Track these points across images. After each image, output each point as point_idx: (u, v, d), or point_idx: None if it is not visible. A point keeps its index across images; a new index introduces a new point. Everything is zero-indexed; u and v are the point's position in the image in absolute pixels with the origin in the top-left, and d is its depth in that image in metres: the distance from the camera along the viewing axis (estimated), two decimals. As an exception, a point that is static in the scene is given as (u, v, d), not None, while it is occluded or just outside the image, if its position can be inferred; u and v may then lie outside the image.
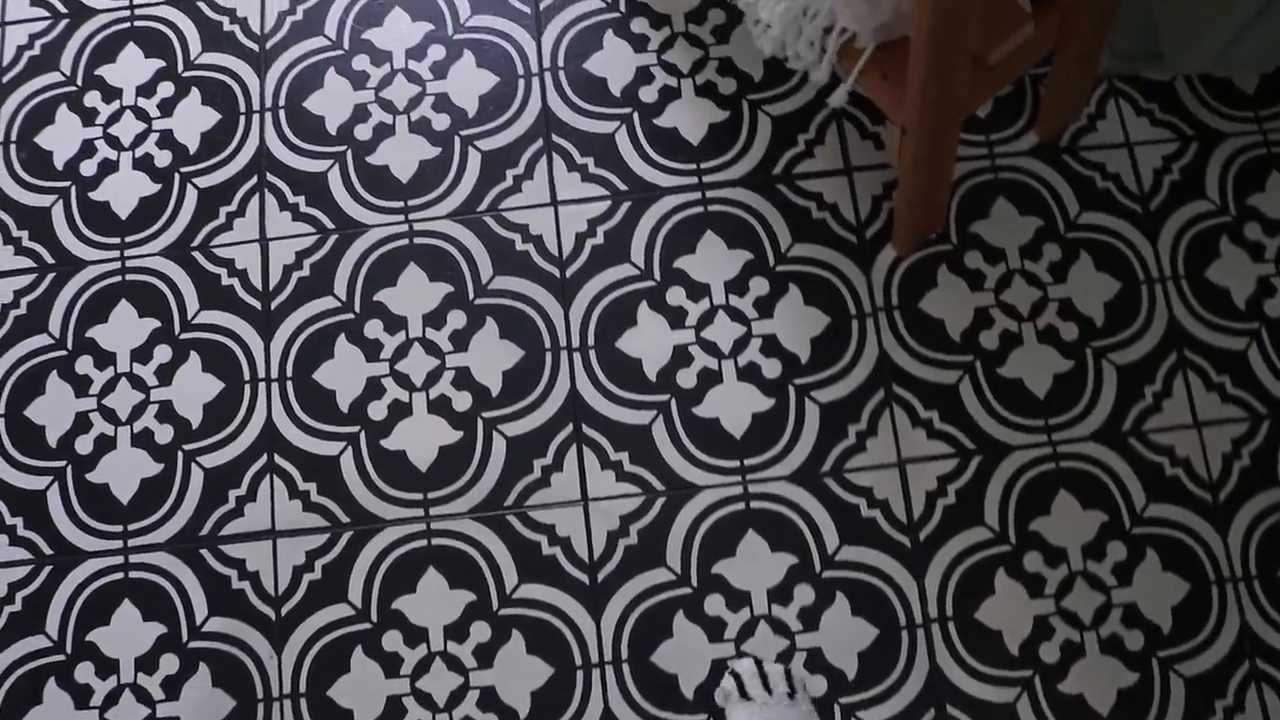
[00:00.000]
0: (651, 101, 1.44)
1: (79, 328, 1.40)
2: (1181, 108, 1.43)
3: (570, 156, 1.42)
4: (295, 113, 1.46)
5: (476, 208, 1.41)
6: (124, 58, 1.51)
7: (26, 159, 1.47)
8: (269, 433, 1.35)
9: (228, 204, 1.43)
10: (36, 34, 1.54)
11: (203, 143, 1.46)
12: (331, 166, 1.44)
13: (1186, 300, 1.35)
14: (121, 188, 1.45)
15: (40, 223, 1.45)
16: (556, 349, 1.35)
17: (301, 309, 1.38)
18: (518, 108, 1.45)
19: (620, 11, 1.48)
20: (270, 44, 1.50)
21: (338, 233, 1.41)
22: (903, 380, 1.33)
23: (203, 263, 1.41)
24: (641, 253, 1.38)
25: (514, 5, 1.49)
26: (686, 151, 1.42)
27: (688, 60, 1.46)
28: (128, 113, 1.48)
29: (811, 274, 1.37)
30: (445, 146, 1.44)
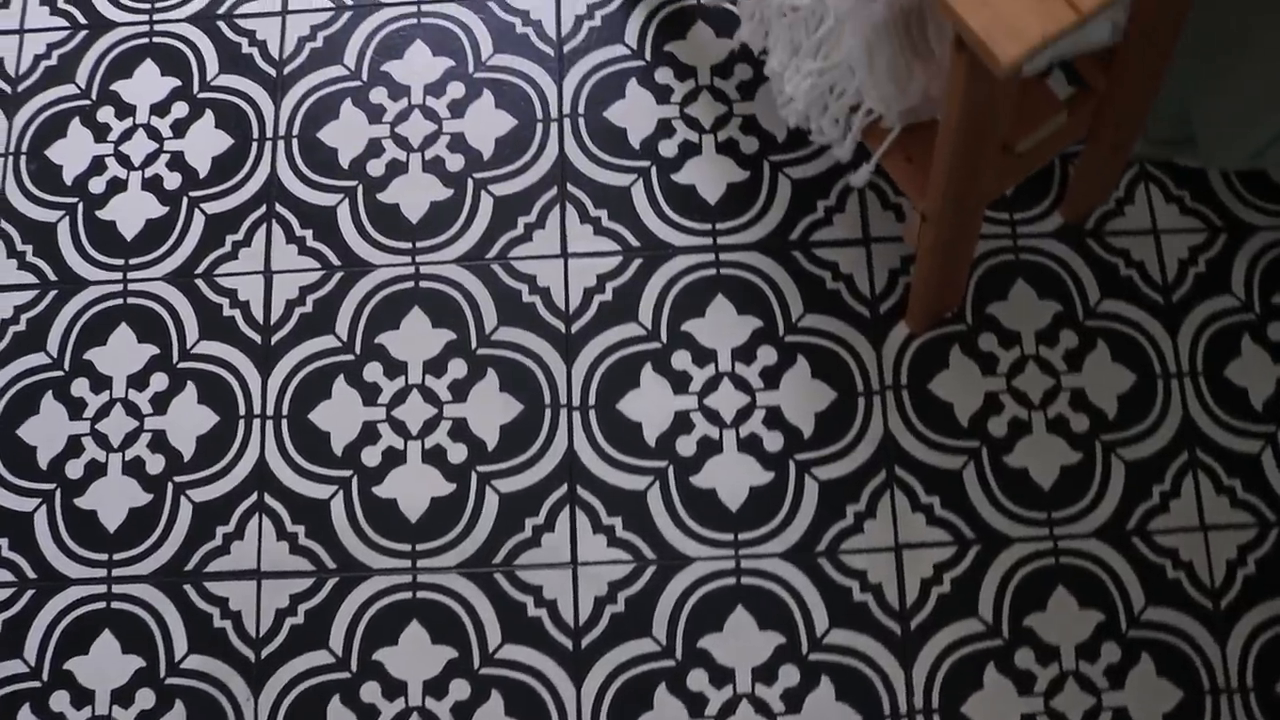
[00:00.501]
0: (671, 156, 1.41)
1: (77, 349, 1.38)
2: (1213, 197, 1.39)
3: (584, 208, 1.40)
4: (308, 143, 1.44)
5: (485, 254, 1.39)
6: (140, 74, 1.49)
7: (36, 171, 1.46)
8: (261, 471, 1.33)
9: (234, 232, 1.41)
10: (55, 44, 1.52)
11: (213, 167, 1.44)
12: (341, 201, 1.42)
13: (1203, 398, 1.32)
14: (129, 208, 1.43)
15: (45, 238, 1.43)
16: (556, 406, 1.33)
17: (301, 346, 1.36)
18: (534, 153, 1.42)
19: (645, 60, 1.45)
20: (288, 70, 1.48)
21: (343, 270, 1.39)
22: (906, 463, 1.31)
23: (205, 291, 1.40)
24: (650, 313, 1.36)
25: (537, 46, 1.46)
26: (703, 210, 1.39)
27: (711, 115, 1.43)
28: (140, 131, 1.46)
29: (821, 346, 1.34)
30: (458, 188, 1.42)
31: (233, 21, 1.51)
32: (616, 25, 1.47)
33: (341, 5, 1.50)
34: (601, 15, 1.47)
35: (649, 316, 1.36)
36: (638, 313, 1.36)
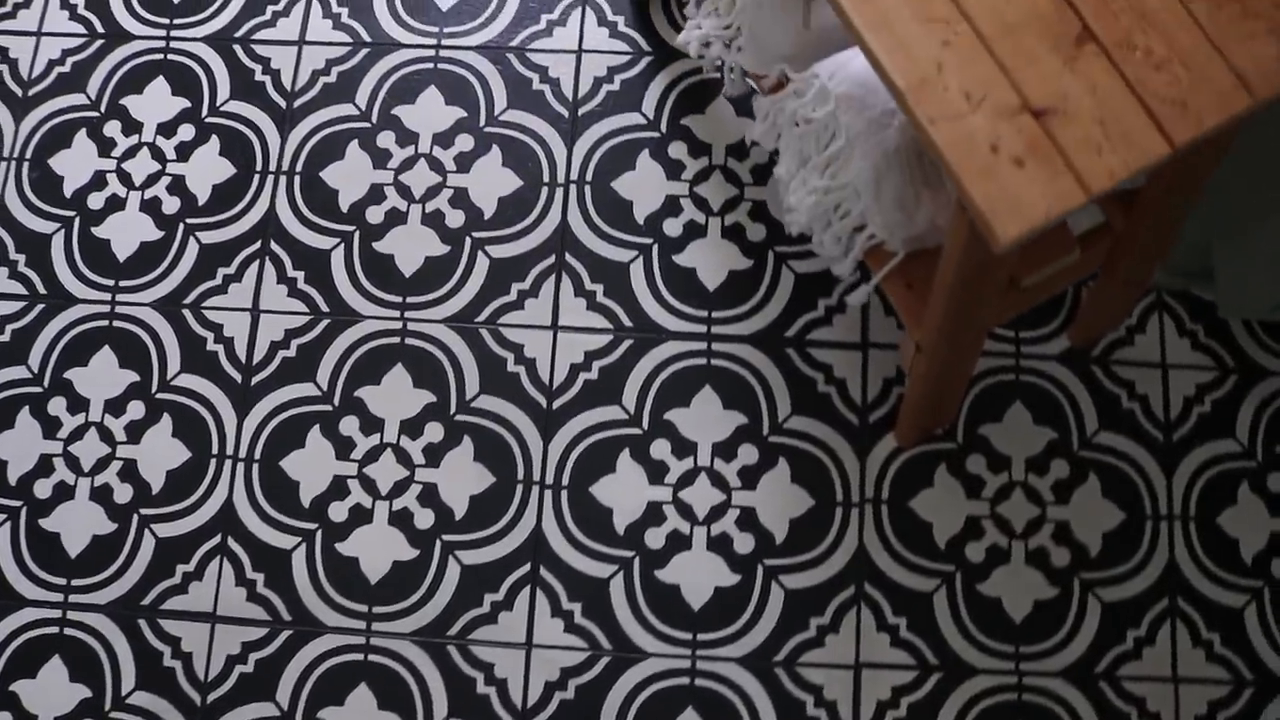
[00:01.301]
0: (675, 235, 1.38)
1: (59, 366, 1.37)
2: (1227, 336, 1.35)
3: (580, 280, 1.37)
4: (310, 181, 1.42)
5: (475, 318, 1.36)
6: (151, 90, 1.47)
7: (37, 180, 1.44)
8: (227, 513, 1.32)
9: (227, 266, 1.39)
10: (70, 50, 1.50)
11: (213, 195, 1.42)
12: (337, 246, 1.40)
13: (1191, 545, 1.28)
14: (125, 228, 1.42)
15: (39, 249, 1.42)
16: (529, 483, 1.31)
17: (281, 391, 1.35)
18: (536, 217, 1.39)
19: (660, 132, 1.42)
20: (298, 102, 1.45)
21: (330, 318, 1.37)
22: (877, 580, 1.27)
23: (191, 322, 1.38)
24: (634, 397, 1.33)
25: (552, 105, 1.43)
26: (700, 296, 1.36)
27: (720, 197, 1.39)
28: (144, 150, 1.44)
29: (804, 451, 1.31)
30: (455, 245, 1.39)
31: (249, 46, 1.48)
32: (635, 92, 1.43)
33: (359, 41, 1.48)
34: (621, 80, 1.44)
35: (633, 400, 1.33)
36: (622, 395, 1.33)
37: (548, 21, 1.46)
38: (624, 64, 1.44)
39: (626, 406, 1.33)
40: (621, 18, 1.46)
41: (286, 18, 1.48)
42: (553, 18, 1.46)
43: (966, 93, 0.85)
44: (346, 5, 1.48)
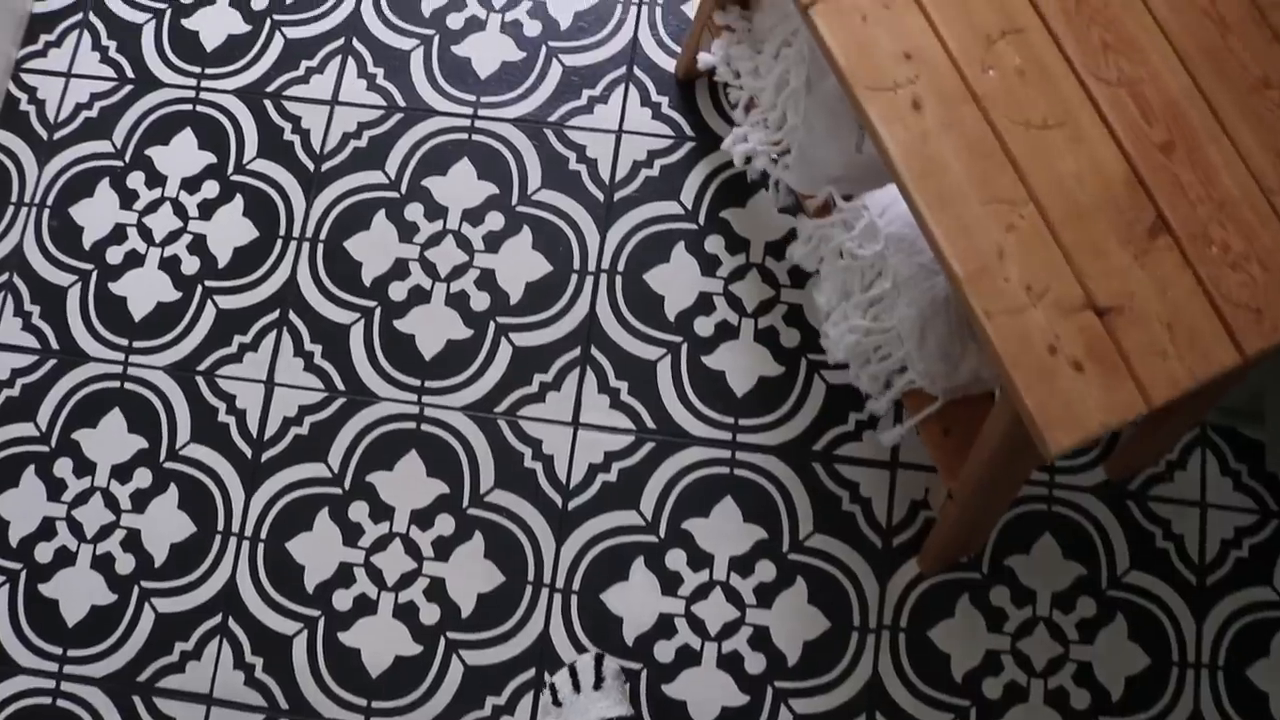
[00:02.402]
0: (706, 335, 1.33)
1: (67, 426, 1.34)
2: (1271, 477, 1.30)
3: (605, 376, 1.33)
4: (334, 251, 1.38)
5: (494, 407, 1.32)
6: (177, 142, 1.43)
7: (57, 228, 1.40)
8: (229, 593, 1.29)
9: (243, 334, 1.36)
10: (98, 94, 1.46)
11: (234, 258, 1.38)
12: (357, 321, 1.36)
13: (1218, 696, 1.23)
14: (142, 286, 1.38)
15: (54, 302, 1.38)
16: (539, 585, 1.27)
17: (291, 469, 1.31)
18: (563, 306, 1.35)
19: (698, 224, 1.37)
20: (326, 166, 1.41)
21: (347, 397, 1.33)
22: (888, 710, 1.23)
23: (204, 390, 1.35)
24: (652, 503, 1.29)
25: (587, 188, 1.38)
26: (727, 401, 1.31)
27: (755, 297, 1.35)
28: (167, 205, 1.40)
29: (824, 571, 1.27)
30: (478, 330, 1.35)
31: (280, 102, 1.44)
32: (674, 179, 1.38)
33: (393, 105, 1.43)
34: (661, 165, 1.38)
35: (651, 507, 1.29)
36: (640, 500, 1.29)
37: (589, 97, 1.41)
38: (665, 148, 1.39)
39: (644, 512, 1.29)
40: (666, 98, 1.41)
41: (320, 74, 1.44)
42: (594, 93, 1.42)
43: (1028, 285, 0.80)
44: (382, 66, 1.44)
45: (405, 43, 1.45)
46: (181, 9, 1.48)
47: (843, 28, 0.83)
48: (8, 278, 1.39)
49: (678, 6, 1.44)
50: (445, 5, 1.46)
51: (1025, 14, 0.85)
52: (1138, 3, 0.85)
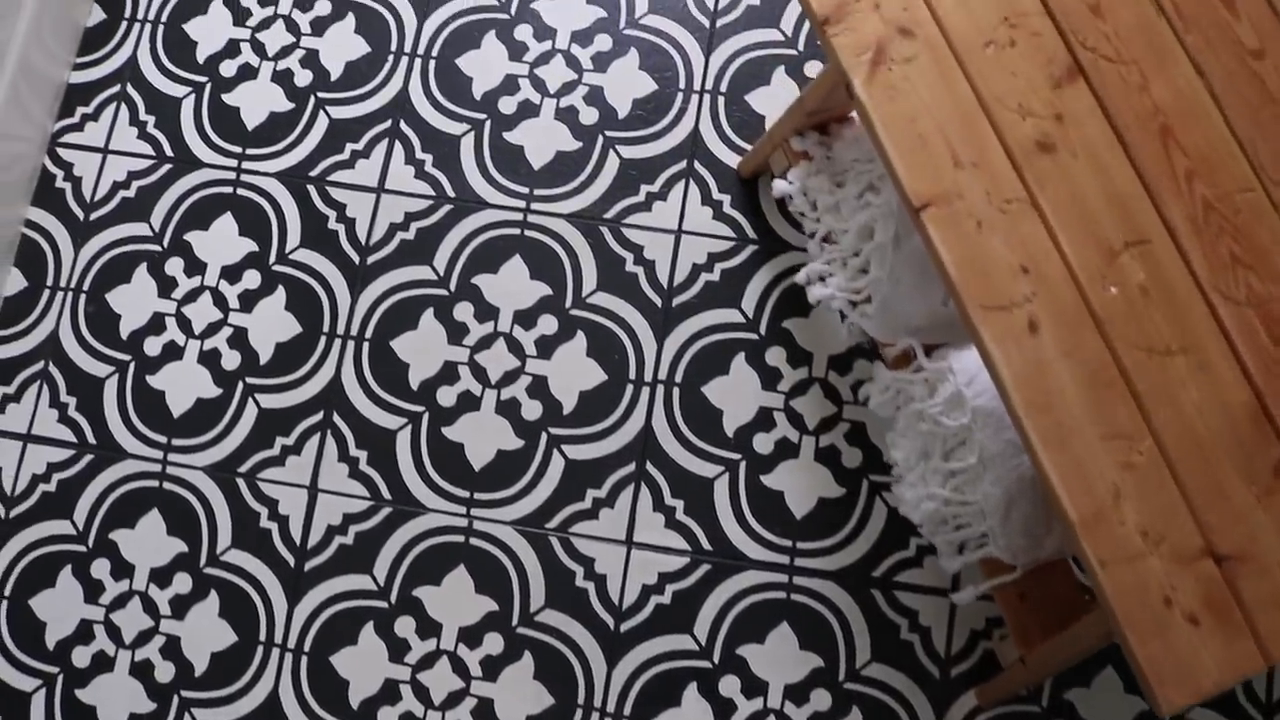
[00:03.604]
0: (765, 453, 1.29)
1: (104, 526, 1.31)
2: None
3: (660, 492, 1.29)
4: (380, 351, 1.33)
5: (544, 523, 1.28)
6: (217, 228, 1.37)
7: (93, 315, 1.35)
8: (271, 706, 1.26)
9: (285, 435, 1.31)
10: (136, 173, 1.40)
11: (276, 354, 1.34)
12: (404, 427, 1.31)
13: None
14: (181, 380, 1.33)
15: (91, 393, 1.34)
16: (589, 709, 1.25)
17: (334, 580, 1.28)
18: (618, 418, 1.30)
19: (759, 334, 1.32)
20: (372, 259, 1.36)
21: (392, 506, 1.30)
22: None
23: (245, 494, 1.31)
24: (706, 627, 1.25)
25: (645, 292, 1.32)
26: (785, 524, 1.27)
27: (817, 414, 1.30)
28: (206, 294, 1.35)
29: (880, 701, 1.24)
30: (530, 440, 1.31)
31: (324, 188, 1.38)
32: (735, 284, 1.33)
33: (443, 195, 1.37)
34: (722, 269, 1.33)
35: (705, 631, 1.25)
36: (694, 624, 1.25)
37: (647, 193, 1.36)
38: (726, 251, 1.33)
39: (698, 636, 1.26)
40: (728, 196, 1.35)
41: (366, 159, 1.38)
42: (653, 189, 1.36)
43: (1144, 530, 0.76)
44: (431, 152, 1.38)
45: (455, 127, 1.39)
46: (222, 83, 1.42)
47: (956, 236, 0.78)
48: (43, 366, 1.35)
49: (741, 97, 1.38)
50: (497, 88, 1.40)
51: (1151, 224, 0.79)
52: (1272, 213, 0.80)
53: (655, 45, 1.40)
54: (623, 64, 1.40)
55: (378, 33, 1.43)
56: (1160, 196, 0.81)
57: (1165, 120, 0.82)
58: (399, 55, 1.42)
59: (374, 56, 1.42)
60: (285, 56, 1.42)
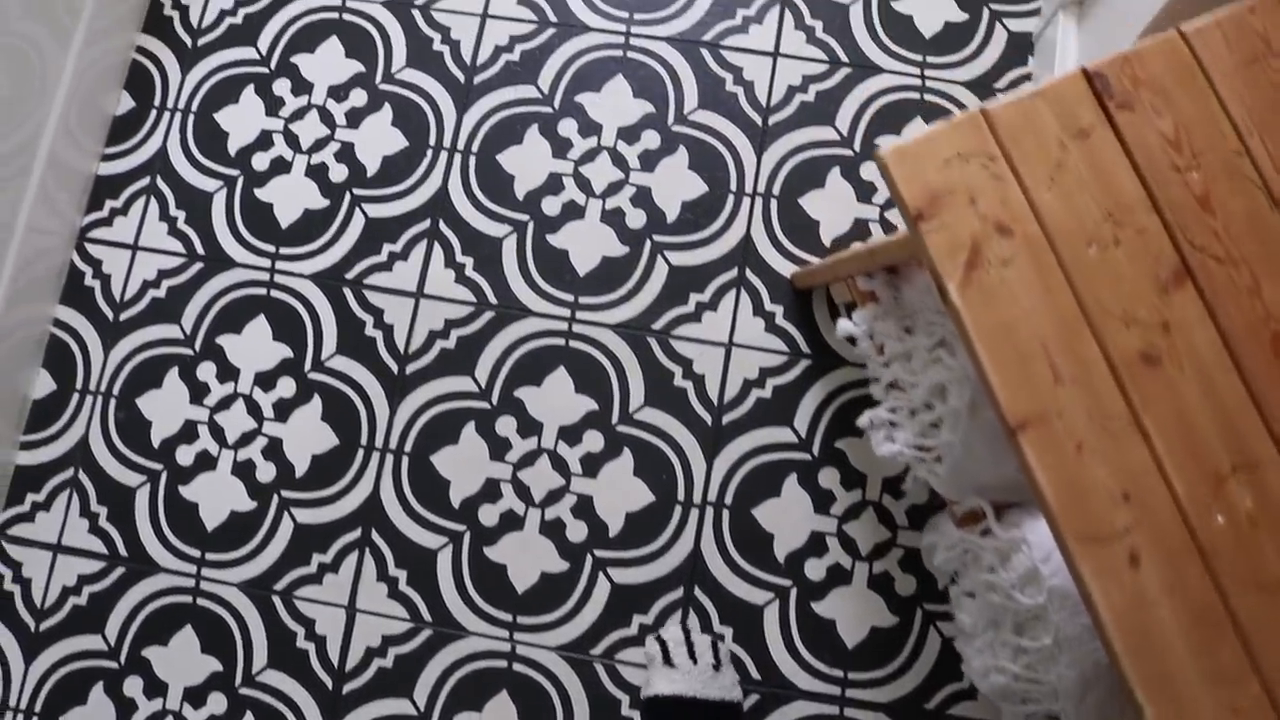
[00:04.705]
0: (816, 580, 1.25)
1: (137, 642, 1.27)
2: None
3: (708, 617, 1.24)
4: (420, 464, 1.28)
5: (589, 649, 1.23)
6: (250, 331, 1.32)
7: (124, 421, 1.32)
8: (308, 832, 1.24)
9: (322, 552, 1.27)
10: (167, 271, 1.34)
11: (312, 467, 1.29)
12: (445, 546, 1.27)
13: None
14: (214, 493, 1.29)
15: (122, 503, 1.30)
16: (633, 843, 1.22)
17: (375, 704, 1.24)
18: (667, 539, 1.25)
19: (812, 454, 1.27)
20: (411, 369, 1.30)
21: (433, 629, 1.26)
22: None
23: (280, 611, 1.27)
24: (754, 761, 1.23)
25: (695, 408, 1.27)
26: (837, 653, 1.24)
27: (870, 539, 1.26)
28: (240, 402, 1.31)
29: (933, 840, 1.21)
30: (575, 561, 1.25)
31: (361, 291, 1.32)
32: (788, 401, 1.28)
33: (484, 302, 1.31)
34: (774, 385, 1.28)
35: (753, 764, 1.23)
36: (742, 757, 1.23)
37: (697, 304, 1.30)
38: (778, 366, 1.29)
39: (746, 771, 1.23)
40: (780, 308, 1.30)
41: (404, 262, 1.32)
42: (703, 299, 1.30)
43: (1253, 784, 0.72)
44: (472, 254, 1.31)
45: (496, 228, 1.33)
46: (254, 177, 1.37)
47: (1055, 461, 0.73)
48: (73, 473, 1.31)
49: (795, 200, 1.33)
50: (541, 187, 1.34)
51: (1261, 444, 0.75)
52: (1387, 436, 0.75)
53: (705, 144, 1.35)
54: (671, 163, 1.35)
55: (415, 126, 1.37)
56: (1271, 413, 0.76)
57: (1277, 327, 0.77)
58: (438, 150, 1.37)
59: (411, 151, 1.37)
60: (319, 150, 1.37)
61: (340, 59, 1.40)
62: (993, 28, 1.38)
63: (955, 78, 1.36)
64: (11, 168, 1.28)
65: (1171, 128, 0.80)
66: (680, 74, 1.36)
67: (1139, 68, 0.81)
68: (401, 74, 1.38)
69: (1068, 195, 0.78)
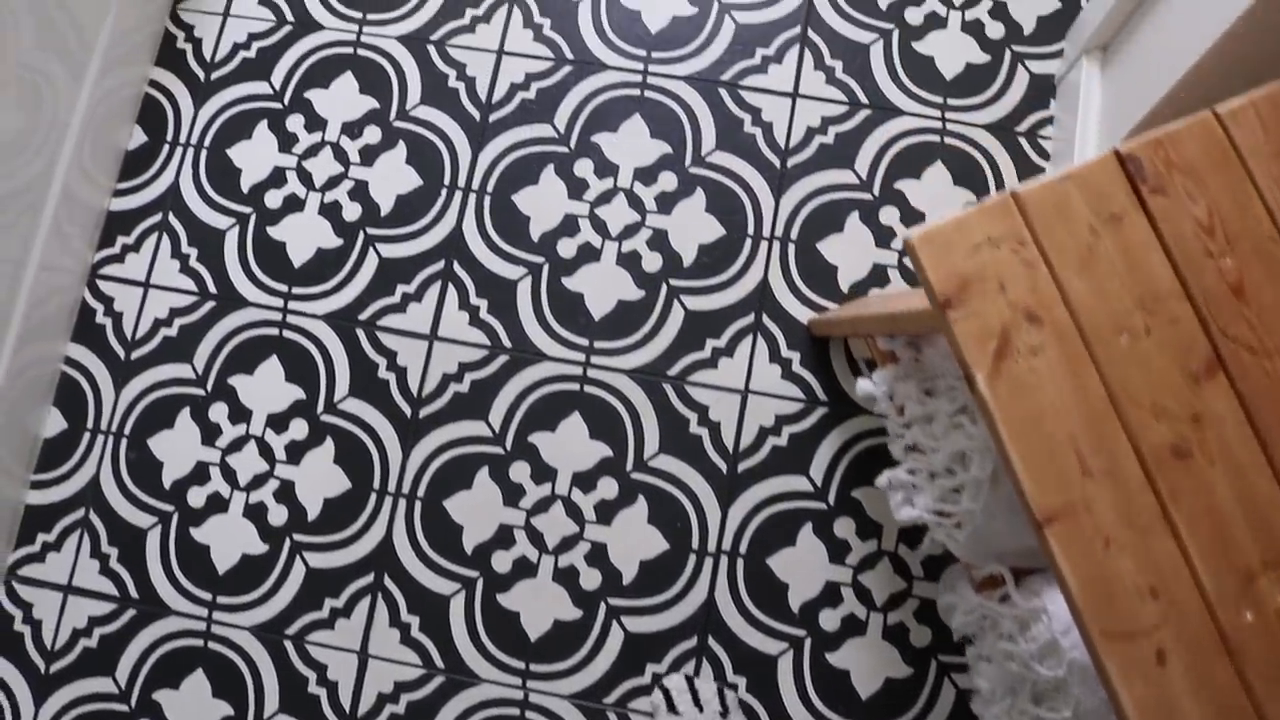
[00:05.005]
0: (831, 630, 1.24)
1: (147, 686, 1.27)
2: None
3: (722, 667, 1.24)
4: (432, 508, 1.27)
5: (603, 697, 1.23)
6: (262, 372, 1.31)
7: (135, 461, 1.31)
8: None
9: (334, 597, 1.27)
10: (179, 309, 1.32)
11: (324, 510, 1.28)
12: (458, 592, 1.26)
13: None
14: (226, 536, 1.29)
15: (133, 545, 1.30)
16: None
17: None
18: (680, 589, 1.24)
19: (827, 504, 1.26)
20: (424, 412, 1.30)
21: (445, 675, 1.25)
22: None
23: (292, 656, 1.26)
24: (767, 812, 1.22)
25: (710, 456, 1.26)
26: (851, 704, 1.23)
27: (886, 590, 1.25)
28: (251, 444, 1.30)
29: None
30: (588, 610, 1.24)
31: (374, 333, 1.32)
32: (804, 450, 1.27)
33: (498, 345, 1.31)
34: (790, 433, 1.27)
35: (766, 816, 1.22)
36: (754, 809, 1.22)
37: (713, 349, 1.29)
38: (794, 414, 1.28)
39: (758, 822, 1.22)
40: (797, 355, 1.29)
41: (418, 303, 1.31)
42: (719, 344, 1.29)
43: None
44: (485, 297, 1.30)
45: (511, 270, 1.32)
46: (267, 215, 1.36)
47: (1083, 556, 0.72)
48: (84, 514, 1.31)
49: (813, 245, 1.32)
50: (556, 229, 1.33)
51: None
52: None
53: (723, 186, 1.34)
54: (688, 205, 1.33)
55: (430, 164, 1.36)
56: (1302, 507, 0.75)
57: (1309, 419, 0.76)
58: (452, 189, 1.35)
59: (426, 190, 1.36)
60: (333, 188, 1.36)
61: (354, 95, 1.38)
62: (1015, 70, 1.36)
63: (976, 120, 1.35)
64: (24, 202, 1.27)
65: (1205, 213, 0.78)
66: (698, 114, 1.35)
67: (1172, 150, 0.79)
68: (416, 111, 1.37)
69: (1099, 282, 0.77)
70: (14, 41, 1.23)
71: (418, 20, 1.40)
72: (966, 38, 1.38)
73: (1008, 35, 1.38)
